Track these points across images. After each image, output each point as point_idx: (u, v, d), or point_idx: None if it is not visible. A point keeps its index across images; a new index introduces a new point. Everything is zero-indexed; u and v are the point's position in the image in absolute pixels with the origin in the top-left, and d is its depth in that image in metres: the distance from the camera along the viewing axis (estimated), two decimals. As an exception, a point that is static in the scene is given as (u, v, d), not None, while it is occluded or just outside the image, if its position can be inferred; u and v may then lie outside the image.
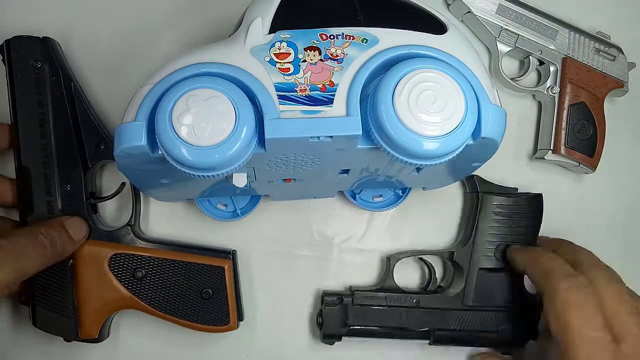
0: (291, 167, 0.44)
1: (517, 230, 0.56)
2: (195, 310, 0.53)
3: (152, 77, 0.41)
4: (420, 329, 0.55)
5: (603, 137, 0.61)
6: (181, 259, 0.53)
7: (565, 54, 0.61)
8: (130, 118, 0.40)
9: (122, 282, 0.52)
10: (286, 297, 0.58)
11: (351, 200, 0.57)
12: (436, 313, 0.55)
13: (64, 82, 0.53)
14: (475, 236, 0.56)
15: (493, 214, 0.56)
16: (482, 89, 0.42)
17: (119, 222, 0.57)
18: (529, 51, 0.61)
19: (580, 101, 0.60)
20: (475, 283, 0.55)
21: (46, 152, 0.52)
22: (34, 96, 0.52)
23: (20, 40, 0.53)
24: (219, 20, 0.59)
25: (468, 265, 0.56)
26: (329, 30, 0.42)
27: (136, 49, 0.59)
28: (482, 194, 0.56)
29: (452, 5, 0.61)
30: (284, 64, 0.41)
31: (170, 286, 0.53)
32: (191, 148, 0.38)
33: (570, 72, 0.60)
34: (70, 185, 0.52)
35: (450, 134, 0.39)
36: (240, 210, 0.56)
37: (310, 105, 0.40)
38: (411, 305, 0.55)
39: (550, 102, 0.61)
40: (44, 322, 0.52)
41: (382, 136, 0.40)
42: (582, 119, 0.60)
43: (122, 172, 0.45)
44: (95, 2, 0.59)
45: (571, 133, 0.60)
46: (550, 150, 0.59)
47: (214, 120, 0.38)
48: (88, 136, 0.53)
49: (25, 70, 0.52)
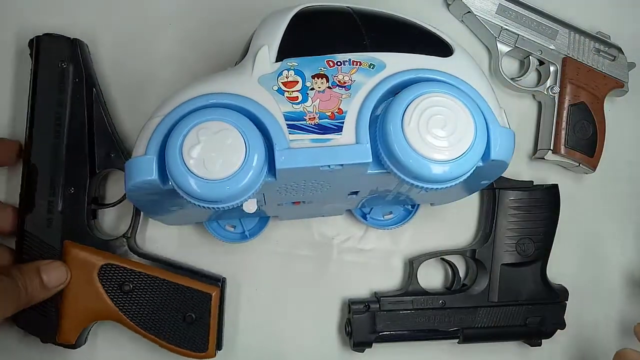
0: (301, 192, 0.45)
1: (536, 223, 0.57)
2: (176, 332, 0.52)
3: (160, 108, 0.41)
4: (448, 329, 0.56)
5: (603, 137, 0.61)
6: (171, 279, 0.53)
7: (565, 54, 0.61)
8: (141, 152, 0.40)
9: (108, 293, 0.52)
10: (286, 297, 0.59)
11: (362, 221, 0.58)
12: (463, 312, 0.56)
13: (86, 86, 0.53)
14: (496, 232, 0.57)
15: (511, 209, 0.57)
16: (490, 111, 0.42)
17: (116, 231, 0.56)
18: (529, 51, 0.61)
19: (580, 101, 0.60)
20: (499, 279, 0.56)
21: (56, 152, 0.52)
22: (54, 95, 0.52)
23: (50, 39, 0.53)
24: (220, 20, 0.59)
25: (491, 262, 0.56)
26: (336, 57, 0.42)
27: (136, 53, 0.58)
28: (498, 190, 0.57)
29: (452, 6, 0.61)
30: (292, 93, 0.41)
31: (155, 304, 0.52)
32: (202, 181, 0.38)
33: (570, 72, 0.60)
34: (74, 188, 0.52)
35: (460, 157, 0.40)
36: (249, 232, 0.56)
37: (319, 134, 0.40)
38: (438, 307, 0.56)
39: (550, 102, 0.61)
40: (25, 321, 0.52)
41: (392, 161, 0.40)
42: (582, 119, 0.60)
43: (132, 203, 0.45)
44: (98, 9, 0.59)
45: (571, 133, 0.60)
46: (550, 150, 0.60)
47: (224, 153, 0.38)
48: (100, 142, 0.53)
49: (50, 68, 0.52)
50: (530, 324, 0.57)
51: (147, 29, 0.59)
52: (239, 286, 0.58)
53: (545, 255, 0.57)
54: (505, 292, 0.56)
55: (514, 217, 0.57)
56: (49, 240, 0.52)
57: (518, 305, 0.56)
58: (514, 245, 0.56)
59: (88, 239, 0.52)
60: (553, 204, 0.57)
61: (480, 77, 0.43)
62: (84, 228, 0.52)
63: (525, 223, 0.57)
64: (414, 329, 0.55)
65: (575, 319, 0.60)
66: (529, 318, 0.56)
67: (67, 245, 0.52)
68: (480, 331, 0.56)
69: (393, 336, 0.55)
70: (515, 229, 0.57)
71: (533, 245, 0.56)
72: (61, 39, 0.53)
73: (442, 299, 0.56)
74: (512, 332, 0.57)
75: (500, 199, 0.57)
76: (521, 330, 0.57)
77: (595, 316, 0.62)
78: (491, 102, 0.42)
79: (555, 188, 0.58)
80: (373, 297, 0.57)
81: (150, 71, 0.58)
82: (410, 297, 0.56)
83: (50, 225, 0.52)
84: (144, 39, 0.58)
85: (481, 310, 0.56)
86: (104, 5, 0.59)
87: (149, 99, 0.57)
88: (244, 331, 0.58)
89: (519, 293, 0.57)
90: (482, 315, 0.56)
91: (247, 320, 0.58)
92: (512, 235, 0.57)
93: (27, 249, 0.52)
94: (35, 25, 0.55)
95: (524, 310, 0.56)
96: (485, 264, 0.56)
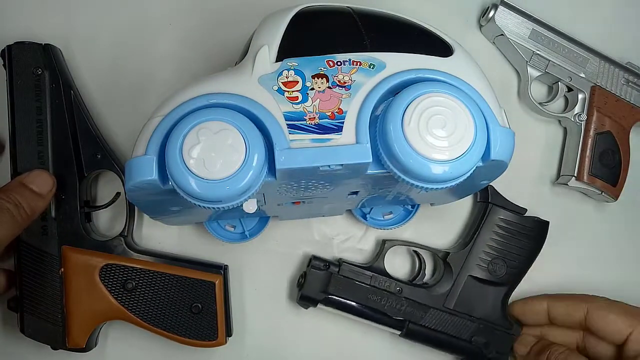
0: (301, 192, 0.45)
1: (516, 249, 0.56)
2: (184, 324, 0.53)
3: (160, 108, 0.41)
4: (395, 317, 0.55)
5: (627, 167, 0.61)
6: (172, 272, 0.53)
7: (594, 83, 0.60)
8: (141, 152, 0.40)
9: (112, 293, 0.52)
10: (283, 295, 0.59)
11: (362, 221, 0.57)
12: (415, 306, 0.55)
13: (63, 90, 0.53)
14: (474, 243, 0.56)
15: (497, 226, 0.56)
16: (490, 111, 0.42)
17: (113, 231, 0.57)
18: (558, 77, 0.60)
19: (607, 130, 0.60)
20: (462, 288, 0.56)
21: (42, 159, 0.52)
22: (33, 103, 0.52)
23: (22, 47, 0.52)
24: (220, 20, 0.59)
25: (459, 269, 0.56)
26: (336, 57, 0.42)
27: (136, 53, 0.58)
28: (491, 205, 0.57)
29: (485, 27, 0.61)
30: (292, 93, 0.41)
31: (160, 299, 0.53)
32: (202, 181, 0.38)
33: (599, 101, 0.60)
34: (64, 193, 0.52)
35: (460, 157, 0.40)
36: (249, 232, 0.56)
37: (319, 134, 0.40)
38: (393, 292, 0.55)
39: (576, 129, 0.61)
40: (32, 330, 0.52)
41: (392, 161, 0.40)
42: (607, 148, 0.60)
43: (133, 203, 0.45)
44: (98, 9, 0.59)
45: (595, 161, 0.60)
46: (574, 176, 0.59)
47: (224, 153, 0.38)
48: (85, 145, 0.53)
49: (25, 76, 0.52)
50: (475, 343, 0.56)
51: (147, 29, 0.59)
52: (239, 286, 0.58)
53: (514, 283, 0.57)
54: (462, 303, 0.56)
55: (497, 235, 0.56)
56: (46, 247, 0.52)
57: (470, 319, 0.56)
58: (488, 262, 0.56)
59: (85, 242, 0.53)
60: (539, 237, 0.57)
61: (480, 77, 0.43)
62: (80, 232, 0.53)
63: (505, 245, 0.56)
64: (363, 304, 0.55)
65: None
66: (476, 337, 0.56)
67: (66, 250, 0.52)
68: (425, 331, 0.56)
69: (341, 303, 0.55)
70: (493, 246, 0.56)
71: (505, 268, 0.56)
72: (33, 45, 0.53)
73: (400, 287, 0.55)
74: (454, 344, 0.56)
75: (490, 213, 0.57)
76: (464, 346, 0.56)
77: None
78: (491, 102, 0.42)
79: (545, 224, 0.57)
80: (337, 261, 0.56)
81: (150, 71, 0.58)
82: (370, 273, 0.55)
83: (46, 232, 0.52)
84: (144, 39, 0.59)
85: (433, 311, 0.55)
86: (104, 5, 0.59)
87: (148, 99, 0.57)
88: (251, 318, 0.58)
89: (475, 308, 0.56)
90: (433, 316, 0.55)
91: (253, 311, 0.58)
92: (489, 252, 0.56)
93: (25, 258, 0.52)
94: (5, 35, 0.55)
95: (474, 327, 0.56)
96: (454, 270, 0.56)
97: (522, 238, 0.57)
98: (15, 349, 0.56)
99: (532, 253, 0.57)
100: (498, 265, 0.56)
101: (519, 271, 0.57)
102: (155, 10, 0.59)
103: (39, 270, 0.52)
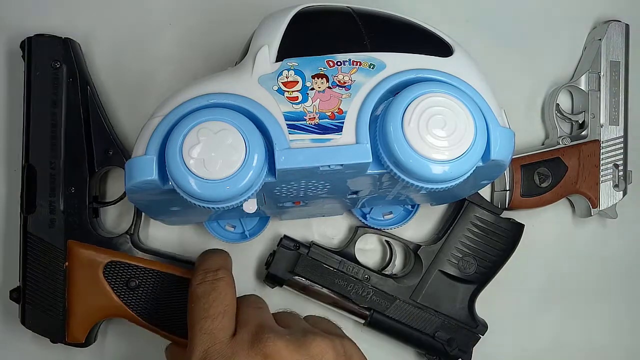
0: (301, 192, 0.45)
1: (488, 248, 0.56)
2: (185, 325, 0.53)
3: (160, 108, 0.41)
4: (361, 304, 0.55)
5: None
6: (176, 272, 0.53)
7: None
8: (141, 152, 0.40)
9: (115, 291, 0.52)
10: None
11: (362, 221, 0.57)
12: (381, 295, 0.55)
13: (80, 85, 0.53)
14: (447, 238, 0.56)
15: (471, 224, 0.56)
16: (490, 111, 0.42)
17: (119, 229, 0.57)
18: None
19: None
20: (430, 282, 0.56)
21: (54, 152, 0.52)
22: (49, 95, 0.52)
23: (42, 39, 0.53)
24: (220, 20, 0.59)
25: (429, 263, 0.56)
26: (336, 57, 0.42)
27: (136, 53, 0.58)
28: (467, 202, 0.56)
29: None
30: (292, 93, 0.41)
31: (162, 299, 0.53)
32: (202, 181, 0.38)
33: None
34: (74, 187, 0.53)
35: (460, 157, 0.40)
36: (249, 232, 0.56)
37: (319, 134, 0.40)
38: (361, 279, 0.55)
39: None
40: (33, 322, 0.52)
41: (392, 161, 0.40)
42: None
43: (133, 203, 0.45)
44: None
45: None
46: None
47: (224, 153, 0.38)
48: (98, 141, 0.53)
49: (43, 69, 0.52)
50: (438, 338, 0.56)
51: (147, 28, 0.59)
52: (239, 286, 0.58)
53: (483, 282, 0.57)
54: (429, 297, 0.56)
55: (471, 233, 0.56)
56: (52, 240, 0.52)
57: (435, 314, 0.56)
58: (459, 258, 0.56)
59: (91, 237, 0.53)
60: (513, 239, 0.57)
61: (480, 77, 0.43)
62: (87, 227, 0.53)
63: (478, 243, 0.56)
64: (329, 288, 0.55)
65: (482, 357, 0.58)
66: (439, 332, 0.56)
67: (71, 244, 0.52)
68: (389, 322, 0.55)
69: (306, 286, 0.55)
70: (466, 244, 0.56)
71: (475, 266, 0.56)
72: (53, 39, 0.53)
73: (368, 275, 0.55)
74: (417, 338, 0.56)
75: (466, 210, 0.56)
76: (427, 341, 0.56)
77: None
78: (491, 102, 0.42)
79: (520, 227, 0.57)
80: (308, 243, 0.56)
81: (150, 71, 0.58)
82: (340, 258, 0.55)
83: (53, 225, 0.52)
84: (144, 39, 0.58)
85: (399, 303, 0.55)
86: (103, 5, 0.59)
87: (149, 99, 0.57)
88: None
89: (441, 304, 0.56)
90: (398, 307, 0.55)
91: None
92: (461, 248, 0.56)
93: (30, 250, 0.52)
94: (31, 26, 0.55)
95: (438, 322, 0.56)
96: (424, 263, 0.56)
97: (495, 238, 0.56)
98: (15, 340, 0.56)
99: (505, 254, 0.57)
100: (468, 263, 0.56)
101: (489, 271, 0.56)
102: (155, 10, 0.59)
103: (44, 263, 0.52)
